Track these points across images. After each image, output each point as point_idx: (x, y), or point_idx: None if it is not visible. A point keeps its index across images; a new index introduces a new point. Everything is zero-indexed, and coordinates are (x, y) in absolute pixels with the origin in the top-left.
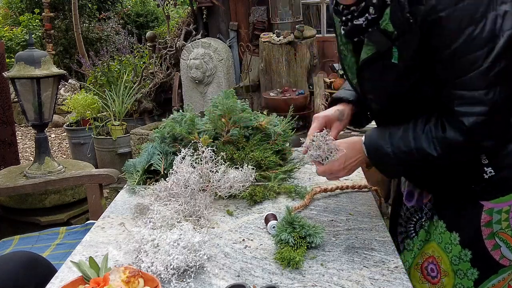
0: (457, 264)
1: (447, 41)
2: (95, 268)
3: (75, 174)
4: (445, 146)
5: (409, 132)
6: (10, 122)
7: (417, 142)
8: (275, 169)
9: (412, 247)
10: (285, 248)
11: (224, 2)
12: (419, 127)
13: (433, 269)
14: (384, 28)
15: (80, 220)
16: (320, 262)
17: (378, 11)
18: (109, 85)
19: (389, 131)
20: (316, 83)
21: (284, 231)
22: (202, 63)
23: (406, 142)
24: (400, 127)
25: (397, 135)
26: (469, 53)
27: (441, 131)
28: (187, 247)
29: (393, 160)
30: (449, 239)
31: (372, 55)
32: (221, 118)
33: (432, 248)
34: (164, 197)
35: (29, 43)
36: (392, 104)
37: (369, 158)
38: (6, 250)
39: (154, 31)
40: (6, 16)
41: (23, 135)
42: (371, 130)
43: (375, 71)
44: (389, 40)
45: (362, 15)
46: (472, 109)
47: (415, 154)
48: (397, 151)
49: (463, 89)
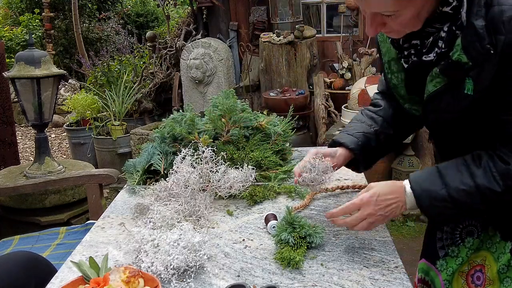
0: (504, 272)
1: None
2: (95, 268)
3: (75, 174)
4: (508, 179)
5: (464, 170)
6: (10, 122)
7: (476, 179)
8: (275, 169)
9: (457, 254)
10: (285, 248)
11: (224, 2)
12: (474, 164)
13: (479, 277)
14: (456, 59)
15: (80, 220)
16: (320, 262)
17: (448, 44)
18: (109, 85)
19: (438, 172)
20: (316, 83)
21: (284, 231)
22: (202, 63)
23: (464, 180)
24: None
25: (451, 175)
26: None
27: (504, 165)
28: (187, 247)
29: (448, 203)
30: (503, 248)
31: (442, 88)
32: (221, 118)
33: (482, 257)
34: (164, 197)
35: (29, 43)
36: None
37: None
38: (6, 250)
39: (154, 31)
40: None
41: (23, 135)
42: (414, 173)
43: (441, 102)
44: (462, 71)
45: (431, 50)
46: None
47: (474, 193)
48: (454, 191)
49: None
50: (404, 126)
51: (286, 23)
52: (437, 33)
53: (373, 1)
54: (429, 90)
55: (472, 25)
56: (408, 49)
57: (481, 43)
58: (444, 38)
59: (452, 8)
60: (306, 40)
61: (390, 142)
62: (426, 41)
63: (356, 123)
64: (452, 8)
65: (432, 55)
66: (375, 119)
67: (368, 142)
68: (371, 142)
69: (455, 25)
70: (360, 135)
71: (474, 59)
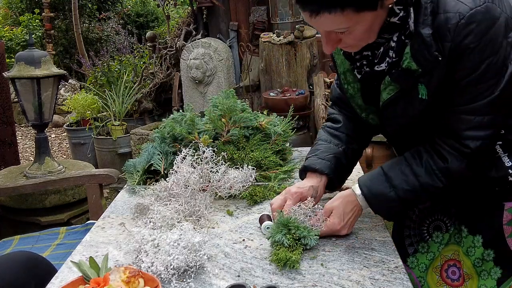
0: (480, 266)
1: (467, 72)
2: (95, 268)
3: (75, 174)
4: (449, 175)
5: (407, 171)
6: (10, 122)
7: (419, 178)
8: (275, 169)
9: (427, 249)
10: (281, 249)
11: (224, 2)
12: (415, 164)
13: (455, 272)
14: (406, 66)
15: (80, 220)
16: (320, 262)
17: (398, 53)
18: (109, 85)
19: (385, 175)
20: (316, 83)
21: (278, 233)
22: (202, 63)
23: (409, 181)
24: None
25: (397, 177)
26: (485, 82)
27: (443, 163)
28: (187, 247)
29: (397, 202)
30: (472, 242)
31: (395, 95)
32: (221, 118)
33: (453, 251)
34: (164, 197)
35: (29, 43)
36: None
37: (371, 206)
38: (6, 250)
39: (154, 31)
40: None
41: (23, 135)
42: (362, 178)
43: (397, 109)
44: (413, 78)
45: (383, 60)
46: (479, 133)
47: (419, 191)
48: (401, 192)
49: (472, 114)
50: (364, 136)
51: (286, 23)
52: (387, 43)
53: (325, 20)
54: (383, 98)
55: (419, 34)
56: (360, 60)
57: (429, 50)
58: (394, 48)
59: (399, 19)
60: (306, 40)
61: (356, 156)
62: (377, 51)
63: (323, 144)
64: (399, 19)
65: (384, 64)
66: (339, 137)
67: (339, 162)
68: (342, 161)
69: (404, 34)
70: (331, 158)
71: (423, 66)
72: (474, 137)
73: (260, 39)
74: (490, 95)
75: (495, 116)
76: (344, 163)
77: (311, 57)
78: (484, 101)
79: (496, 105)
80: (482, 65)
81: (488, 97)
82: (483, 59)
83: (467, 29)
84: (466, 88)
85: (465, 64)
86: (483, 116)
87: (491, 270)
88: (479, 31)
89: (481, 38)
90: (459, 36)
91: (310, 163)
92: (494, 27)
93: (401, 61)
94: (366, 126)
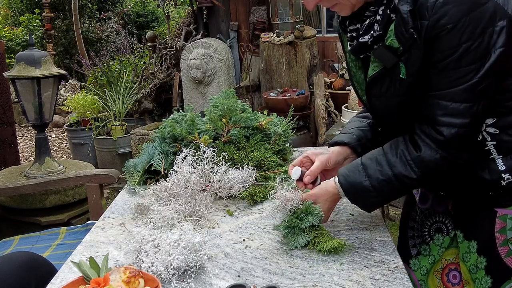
0: (475, 273)
1: (444, 54)
2: (96, 268)
3: (76, 174)
4: (422, 165)
5: (382, 160)
6: (11, 122)
7: (393, 168)
8: (275, 169)
9: (429, 252)
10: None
11: (225, 2)
12: (391, 153)
13: (456, 276)
14: (389, 44)
15: (81, 220)
16: (320, 262)
17: (383, 28)
18: (109, 85)
19: (362, 165)
20: (316, 83)
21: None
22: (203, 63)
23: (383, 171)
24: (372, 158)
25: (372, 167)
26: (462, 67)
27: (416, 152)
28: (188, 247)
29: (373, 193)
30: (467, 247)
31: (379, 72)
32: (221, 118)
33: (454, 254)
34: (165, 197)
35: (30, 43)
36: (399, 119)
37: (347, 195)
38: (7, 250)
39: (155, 31)
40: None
41: (23, 135)
42: (342, 168)
43: (382, 87)
44: (395, 56)
45: (367, 32)
46: (454, 120)
47: (394, 181)
48: (375, 182)
49: (449, 100)
50: None
51: (287, 23)
52: (373, 16)
53: None
54: (369, 74)
55: (398, 10)
56: (351, 32)
57: (405, 27)
58: (379, 21)
59: None
60: (306, 40)
61: None
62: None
63: (350, 123)
64: None
65: (367, 37)
66: (366, 116)
67: (363, 134)
68: (366, 133)
69: (389, 8)
70: (353, 130)
71: (403, 43)
72: (449, 124)
73: (260, 39)
74: (468, 81)
75: (473, 105)
76: (369, 136)
77: (311, 57)
78: (461, 87)
79: (474, 92)
80: (460, 48)
81: (465, 83)
82: (460, 42)
83: (445, 8)
84: (443, 71)
85: (442, 45)
86: (460, 103)
87: (482, 279)
88: (457, 12)
89: (459, 20)
90: (436, 15)
91: (334, 138)
92: (476, 11)
93: (385, 38)
94: None
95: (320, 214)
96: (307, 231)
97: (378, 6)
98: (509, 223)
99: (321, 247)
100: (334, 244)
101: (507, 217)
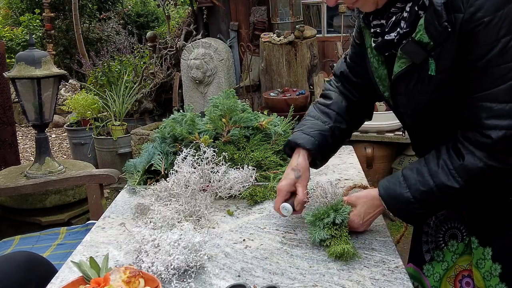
0: (488, 280)
1: (483, 51)
2: (96, 268)
3: (76, 174)
4: (465, 174)
5: (424, 171)
6: (11, 122)
7: (435, 179)
8: (275, 169)
9: (442, 258)
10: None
11: (225, 2)
12: (432, 163)
13: (469, 283)
14: (419, 39)
15: (81, 220)
16: (320, 262)
17: (410, 25)
18: (109, 85)
19: (402, 176)
20: (317, 83)
21: (317, 230)
22: (203, 63)
23: (424, 182)
24: (412, 169)
25: (413, 177)
26: (503, 64)
27: (459, 160)
28: (188, 247)
29: (416, 204)
30: (482, 254)
31: (406, 68)
32: (222, 118)
33: (468, 261)
34: (165, 197)
35: (30, 43)
36: (426, 118)
37: (390, 209)
38: (7, 250)
39: (155, 31)
40: (7, 16)
41: (23, 135)
42: (384, 179)
43: (409, 84)
44: (425, 51)
45: (393, 30)
46: (501, 122)
47: (436, 192)
48: (417, 193)
49: (493, 101)
50: (356, 117)
51: (287, 23)
52: (400, 13)
53: None
54: (395, 71)
55: (431, 3)
56: (375, 27)
57: (439, 21)
58: (406, 18)
59: None
60: (306, 40)
61: (343, 136)
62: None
63: (311, 120)
64: None
65: (394, 34)
66: (328, 114)
67: (324, 140)
68: (327, 139)
69: (417, 5)
70: (316, 134)
71: (434, 38)
72: (496, 127)
73: (260, 39)
74: (510, 80)
75: None
76: (330, 142)
77: (311, 57)
78: (504, 85)
79: None
80: (499, 43)
81: (508, 81)
82: (498, 37)
83: (480, 1)
84: (483, 70)
85: (479, 41)
86: (505, 103)
87: (496, 286)
88: (492, 5)
89: (496, 12)
90: (471, 7)
91: (294, 137)
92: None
93: (414, 33)
94: (360, 108)
95: (345, 213)
96: (328, 227)
97: (405, 2)
98: None
99: (329, 248)
100: (340, 249)
101: None
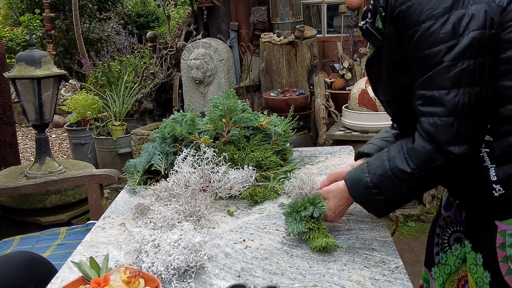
0: (481, 286)
1: (407, 36)
2: (96, 268)
3: (76, 175)
4: (416, 157)
5: (384, 156)
6: (11, 122)
7: (391, 162)
8: (275, 169)
9: (445, 261)
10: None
11: (225, 3)
12: (393, 149)
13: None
14: (377, 25)
15: (81, 220)
16: (320, 262)
17: (373, 15)
18: (109, 86)
19: (367, 162)
20: (317, 83)
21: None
22: (203, 63)
23: (382, 166)
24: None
25: (374, 163)
26: (428, 48)
27: (411, 143)
28: (188, 247)
29: (374, 189)
30: (474, 259)
31: (373, 54)
32: (222, 118)
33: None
34: (165, 197)
35: (30, 43)
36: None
37: (352, 195)
38: (7, 250)
39: (155, 32)
40: (7, 16)
41: (23, 136)
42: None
43: (375, 69)
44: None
45: (363, 18)
46: (432, 109)
47: (391, 176)
48: (374, 178)
49: (425, 88)
50: None
51: (287, 23)
52: (370, 4)
53: None
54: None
55: None
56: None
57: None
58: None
59: None
60: (306, 40)
61: None
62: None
63: (377, 134)
64: None
65: (362, 23)
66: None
67: (386, 144)
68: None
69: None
70: (377, 141)
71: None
72: (429, 113)
73: (260, 39)
74: (438, 65)
75: (449, 91)
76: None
77: (312, 57)
78: (432, 72)
79: (448, 77)
80: (420, 28)
81: (436, 67)
82: (419, 21)
83: None
84: (413, 57)
85: (403, 26)
86: (435, 90)
87: None
88: None
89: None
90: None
91: (361, 149)
92: None
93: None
94: None
95: (323, 208)
96: (306, 220)
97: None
98: (508, 239)
99: (311, 242)
100: (323, 242)
101: (505, 233)
